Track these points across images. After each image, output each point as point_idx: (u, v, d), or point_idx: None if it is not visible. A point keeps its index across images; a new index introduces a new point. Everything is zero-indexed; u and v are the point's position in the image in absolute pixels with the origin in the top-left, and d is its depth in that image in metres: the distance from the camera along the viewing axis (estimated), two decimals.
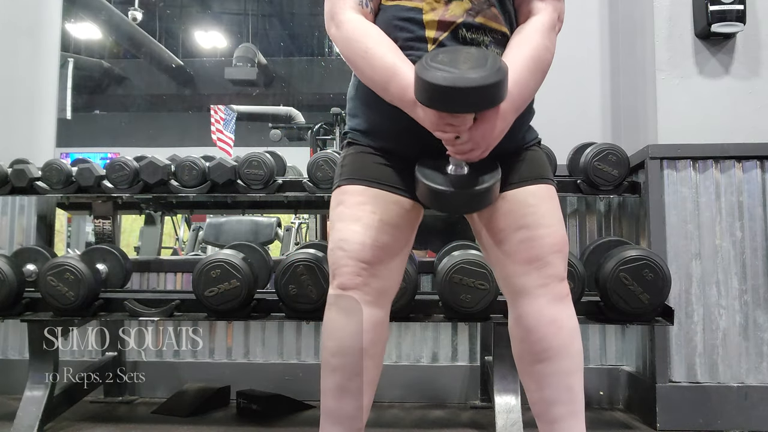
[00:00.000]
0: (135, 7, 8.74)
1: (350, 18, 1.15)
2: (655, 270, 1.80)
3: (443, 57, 1.01)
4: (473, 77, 0.96)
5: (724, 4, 2.04)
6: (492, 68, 0.98)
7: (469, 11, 1.14)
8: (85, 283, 1.96)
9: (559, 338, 1.14)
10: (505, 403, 1.89)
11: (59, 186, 2.34)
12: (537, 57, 1.13)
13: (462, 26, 1.13)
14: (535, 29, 1.16)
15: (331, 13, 1.17)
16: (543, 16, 1.17)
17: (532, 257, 1.15)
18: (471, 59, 1.00)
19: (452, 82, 0.96)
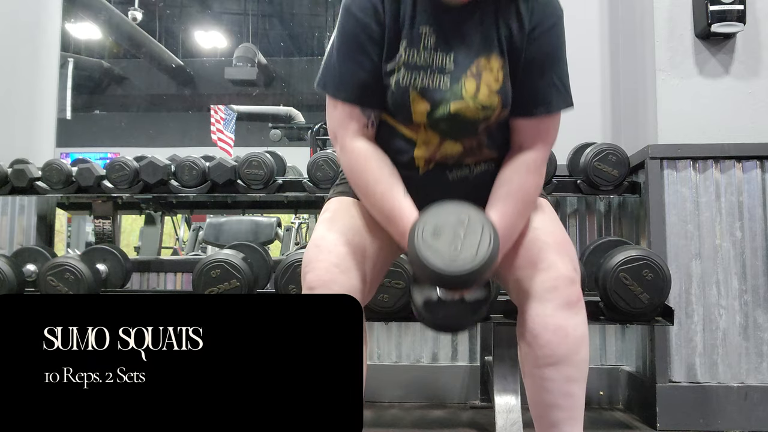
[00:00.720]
0: (135, 7, 8.74)
1: (353, 147, 1.15)
2: (655, 270, 1.80)
3: (436, 230, 1.01)
4: (465, 267, 0.99)
5: (724, 4, 2.04)
6: (484, 256, 0.99)
7: (461, 154, 1.16)
8: (85, 283, 1.96)
9: (564, 347, 1.12)
10: (505, 403, 1.89)
11: (59, 186, 2.34)
12: (526, 200, 1.14)
13: (451, 164, 1.17)
14: (526, 167, 1.15)
15: (335, 135, 1.18)
16: (535, 153, 1.16)
17: (534, 257, 1.14)
18: (464, 238, 1.00)
19: (444, 270, 0.99)
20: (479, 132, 1.15)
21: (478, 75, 1.12)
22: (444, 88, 1.12)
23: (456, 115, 1.12)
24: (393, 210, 1.12)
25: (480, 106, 1.11)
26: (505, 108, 1.14)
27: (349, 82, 1.14)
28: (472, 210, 1.04)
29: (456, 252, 1.00)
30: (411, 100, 1.12)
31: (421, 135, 1.16)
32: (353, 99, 1.15)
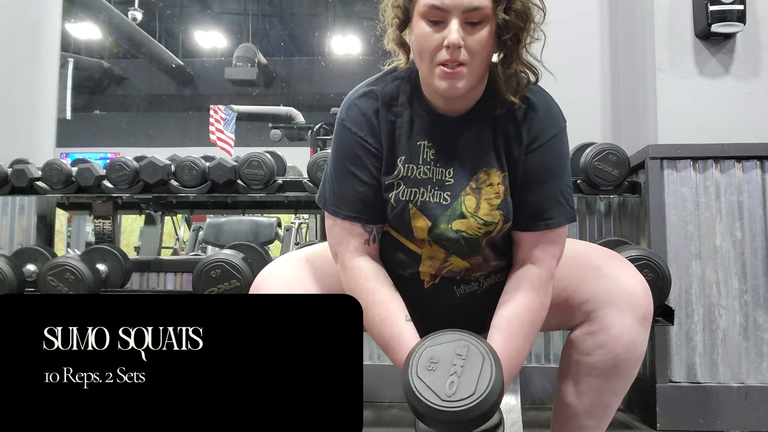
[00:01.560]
0: (135, 7, 8.74)
1: (353, 265, 1.11)
2: (655, 270, 1.80)
3: (432, 363, 0.93)
4: (461, 410, 0.89)
5: (724, 4, 2.04)
6: (483, 392, 0.90)
7: (468, 270, 1.13)
8: (85, 283, 1.96)
9: (630, 361, 1.10)
10: (505, 403, 1.89)
11: (59, 186, 2.34)
12: (533, 320, 1.07)
13: (459, 281, 1.14)
14: (531, 286, 1.08)
15: (335, 251, 1.14)
16: (540, 270, 1.09)
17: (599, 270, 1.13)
18: (462, 371, 0.92)
19: (439, 417, 0.90)
20: (483, 247, 1.11)
21: (477, 190, 1.08)
22: (444, 203, 1.08)
23: (458, 232, 1.08)
24: (392, 337, 1.06)
25: (482, 222, 1.08)
26: (507, 222, 1.09)
27: (348, 197, 1.10)
28: (472, 339, 0.96)
29: (452, 388, 0.91)
30: (411, 215, 1.09)
31: (426, 249, 1.12)
32: (353, 215, 1.10)
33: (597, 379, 1.12)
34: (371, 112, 1.10)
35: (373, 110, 1.10)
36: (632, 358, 1.10)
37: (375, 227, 1.13)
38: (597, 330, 1.10)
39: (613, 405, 1.15)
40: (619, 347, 1.09)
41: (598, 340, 1.10)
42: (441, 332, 0.98)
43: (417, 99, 1.10)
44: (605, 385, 1.12)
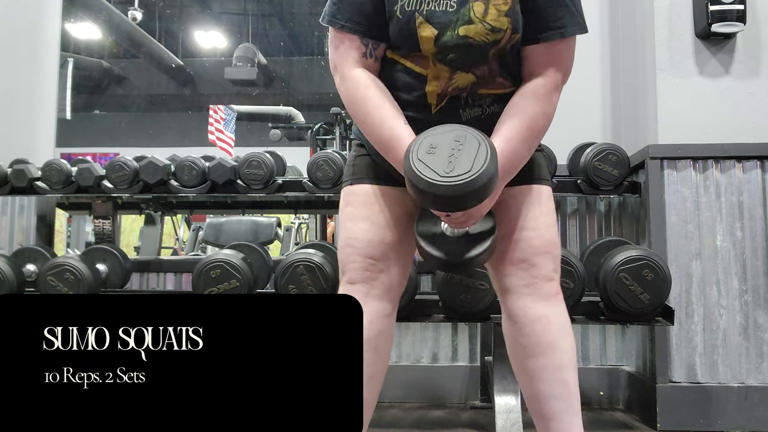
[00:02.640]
0: (135, 7, 8.73)
1: (353, 75, 1.15)
2: (655, 270, 1.80)
3: (432, 148, 1.00)
4: (458, 184, 0.96)
5: (724, 4, 2.04)
6: (479, 169, 0.97)
7: (474, 84, 1.14)
8: (85, 283, 1.96)
9: (549, 334, 1.15)
10: (505, 403, 1.89)
11: (59, 186, 2.34)
12: (532, 127, 1.12)
13: (464, 98, 1.15)
14: (535, 94, 1.13)
15: (334, 64, 1.18)
16: (545, 80, 1.13)
17: (518, 258, 1.17)
18: (459, 154, 0.99)
19: (437, 190, 0.97)
20: (490, 58, 1.13)
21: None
22: (451, 10, 1.09)
23: (465, 38, 1.10)
24: (392, 138, 1.11)
25: (489, 28, 1.09)
26: (516, 32, 1.11)
27: (348, 9, 1.13)
28: (470, 129, 1.03)
29: (450, 167, 0.97)
30: (417, 26, 1.10)
31: (431, 69, 1.14)
32: (352, 26, 1.14)
33: (535, 359, 1.16)
34: None
35: None
36: (550, 330, 1.15)
37: (372, 42, 1.15)
38: (510, 315, 1.19)
39: (569, 381, 1.16)
40: (529, 324, 1.16)
41: (514, 323, 1.18)
42: (440, 125, 1.05)
43: None
44: (547, 362, 1.15)
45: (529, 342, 1.16)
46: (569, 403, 1.16)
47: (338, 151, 2.49)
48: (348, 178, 1.26)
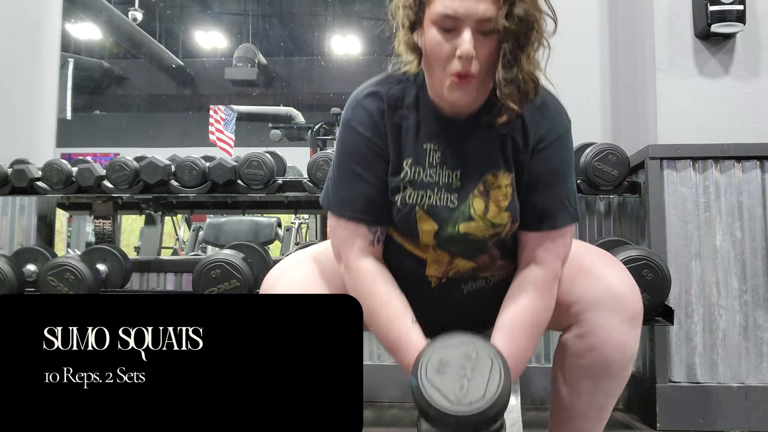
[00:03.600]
0: (135, 7, 8.74)
1: (358, 267, 1.10)
2: (655, 270, 1.80)
3: (441, 366, 0.94)
4: (472, 414, 0.90)
5: (724, 4, 2.04)
6: (492, 396, 0.91)
7: (474, 269, 1.12)
8: (86, 283, 1.96)
9: (620, 362, 1.11)
10: None
11: (59, 186, 2.34)
12: (535, 323, 1.07)
13: (466, 279, 1.13)
14: (535, 287, 1.07)
15: (338, 251, 1.13)
16: (544, 272, 1.08)
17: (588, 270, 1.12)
18: (472, 375, 0.93)
19: (450, 421, 0.91)
20: (489, 248, 1.10)
21: (486, 193, 1.07)
22: (452, 207, 1.07)
23: (465, 235, 1.07)
24: (399, 339, 1.06)
25: (489, 224, 1.07)
26: (515, 223, 1.08)
27: (353, 198, 1.09)
28: (480, 342, 0.96)
29: (462, 391, 0.91)
30: (417, 219, 1.08)
31: (430, 254, 1.11)
32: (358, 215, 1.09)
33: (589, 381, 1.12)
34: (377, 113, 1.09)
35: (379, 111, 1.09)
36: (623, 359, 1.11)
37: (379, 228, 1.11)
38: (586, 332, 1.10)
39: (608, 406, 1.15)
40: (608, 349, 1.09)
41: (588, 342, 1.10)
42: (449, 335, 0.98)
43: (422, 102, 1.09)
44: (598, 387, 1.12)
45: (596, 367, 1.10)
46: (596, 426, 1.15)
47: None
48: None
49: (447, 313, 1.14)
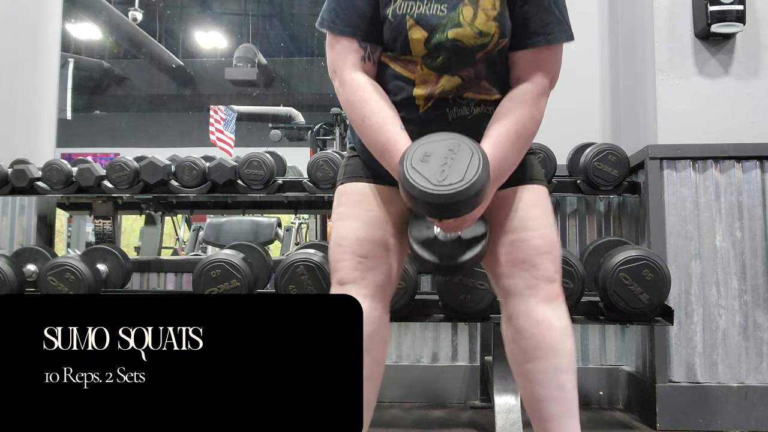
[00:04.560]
0: (135, 7, 8.73)
1: (351, 78, 1.17)
2: (655, 270, 1.80)
3: (426, 156, 1.03)
4: (451, 192, 0.99)
5: (724, 4, 2.04)
6: (471, 178, 0.99)
7: (459, 87, 1.17)
8: (86, 283, 1.96)
9: (549, 338, 1.15)
10: (505, 403, 1.90)
11: (59, 186, 2.34)
12: (521, 131, 1.14)
13: (450, 100, 1.17)
14: (523, 99, 1.15)
15: (333, 67, 1.20)
16: (532, 85, 1.16)
17: (519, 259, 1.17)
18: (452, 163, 1.01)
19: (430, 198, 1.00)
20: (477, 60, 1.15)
21: (474, 2, 1.12)
22: (441, 14, 1.13)
23: (454, 41, 1.13)
24: (388, 142, 1.13)
25: (477, 31, 1.12)
26: (503, 37, 1.14)
27: (346, 13, 1.16)
28: (464, 138, 1.05)
29: (443, 175, 1.00)
30: (408, 28, 1.13)
31: (418, 73, 1.17)
32: (350, 30, 1.16)
33: (534, 363, 1.16)
34: None
35: None
36: (551, 334, 1.15)
37: (370, 45, 1.17)
38: (510, 317, 1.19)
39: (567, 384, 1.16)
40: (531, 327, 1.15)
41: (515, 326, 1.18)
42: (435, 133, 1.07)
43: None
44: (546, 365, 1.15)
45: (529, 345, 1.16)
46: (567, 407, 1.16)
47: (338, 151, 2.49)
48: (340, 179, 1.28)
49: None
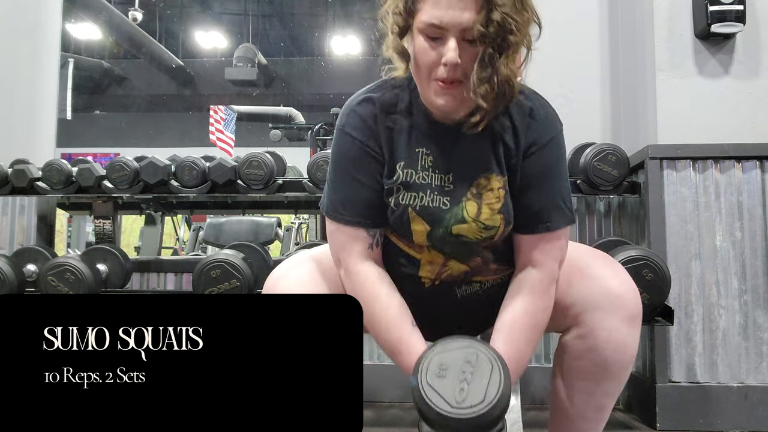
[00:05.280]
0: (135, 7, 8.74)
1: (358, 271, 1.11)
2: (655, 270, 1.80)
3: (442, 370, 0.95)
4: (472, 417, 0.91)
5: (724, 4, 2.04)
6: (492, 400, 0.92)
7: (467, 272, 1.13)
8: (86, 283, 1.96)
9: (620, 363, 1.11)
10: None
11: (59, 186, 2.34)
12: (534, 324, 1.07)
13: (459, 281, 1.14)
14: (532, 290, 1.08)
15: (338, 255, 1.14)
16: (541, 274, 1.09)
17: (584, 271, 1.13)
18: (472, 379, 0.93)
19: (450, 422, 0.91)
20: (482, 251, 1.12)
21: (478, 195, 1.09)
22: (444, 208, 1.09)
23: (458, 236, 1.09)
24: (400, 342, 1.07)
25: (482, 226, 1.08)
26: (508, 225, 1.10)
27: (351, 202, 1.11)
28: (480, 346, 0.97)
29: (462, 395, 0.92)
30: (410, 219, 1.09)
31: (425, 255, 1.12)
32: (356, 219, 1.11)
33: (588, 382, 1.13)
34: (370, 118, 1.11)
35: (372, 116, 1.11)
36: (623, 359, 1.11)
37: (378, 231, 1.13)
38: (585, 333, 1.11)
39: (607, 407, 1.15)
40: (608, 350, 1.10)
41: (587, 343, 1.11)
42: (449, 339, 0.99)
43: (415, 107, 1.11)
44: (597, 388, 1.13)
45: (596, 368, 1.11)
46: (596, 426, 1.16)
47: None
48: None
49: (442, 315, 1.15)
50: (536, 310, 1.08)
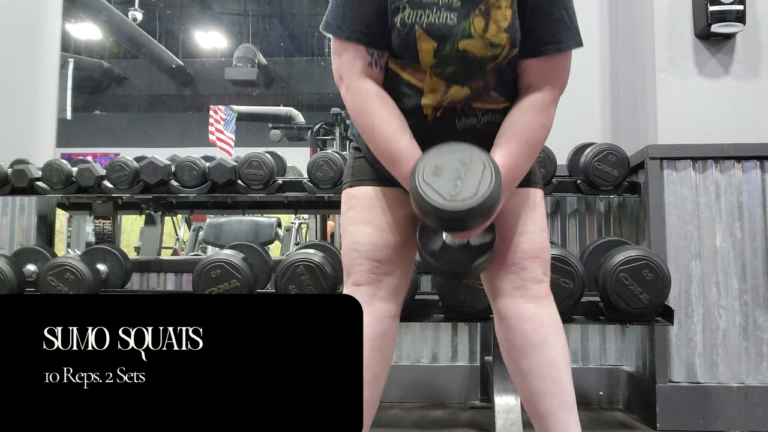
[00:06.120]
0: (135, 7, 8.73)
1: (359, 86, 1.14)
2: (655, 270, 1.80)
3: (437, 169, 1.02)
4: (465, 208, 0.99)
5: (724, 4, 2.04)
6: (484, 193, 0.99)
7: (468, 97, 1.15)
8: (86, 283, 1.96)
9: (540, 332, 1.16)
10: (505, 403, 1.90)
11: (59, 186, 2.34)
12: (531, 140, 1.14)
13: (459, 110, 1.16)
14: (533, 108, 1.14)
15: (339, 74, 1.17)
16: (542, 94, 1.15)
17: (509, 262, 1.18)
18: (465, 175, 1.01)
19: (444, 214, 0.99)
20: (487, 72, 1.14)
21: (486, 12, 1.10)
22: (451, 24, 1.10)
23: (464, 52, 1.11)
24: (399, 152, 1.12)
25: (489, 43, 1.10)
26: (514, 47, 1.12)
27: (353, 19, 1.13)
28: (475, 149, 1.04)
29: (456, 190, 1.00)
30: (417, 38, 1.11)
31: (427, 82, 1.15)
32: (357, 36, 1.13)
33: (530, 358, 1.16)
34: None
35: None
36: (542, 328, 1.16)
37: (377, 52, 1.14)
38: (499, 316, 1.20)
39: (563, 377, 1.16)
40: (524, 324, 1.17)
41: (506, 324, 1.19)
42: (444, 144, 1.06)
43: None
44: (540, 360, 1.16)
45: (522, 341, 1.17)
46: (564, 401, 1.16)
47: (338, 151, 2.49)
48: (348, 180, 1.26)
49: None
50: (535, 127, 1.14)
